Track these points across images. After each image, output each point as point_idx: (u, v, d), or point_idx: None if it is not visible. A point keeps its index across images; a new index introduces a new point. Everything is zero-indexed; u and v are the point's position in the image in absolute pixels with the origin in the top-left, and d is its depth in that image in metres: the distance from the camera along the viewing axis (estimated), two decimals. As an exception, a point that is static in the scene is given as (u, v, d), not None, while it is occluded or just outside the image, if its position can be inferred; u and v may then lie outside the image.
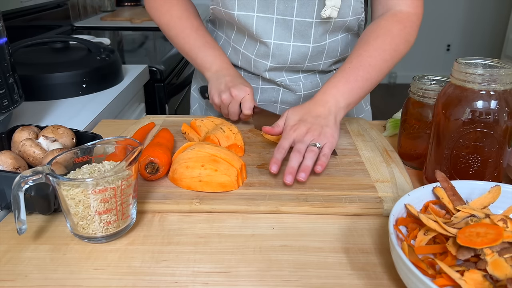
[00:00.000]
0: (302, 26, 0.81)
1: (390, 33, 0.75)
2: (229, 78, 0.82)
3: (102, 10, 2.47)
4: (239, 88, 0.79)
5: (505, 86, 0.53)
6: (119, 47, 1.74)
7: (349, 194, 0.60)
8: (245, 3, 0.80)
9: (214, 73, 0.84)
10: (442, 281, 0.40)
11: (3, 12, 0.81)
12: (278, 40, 0.82)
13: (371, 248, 0.51)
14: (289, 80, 0.89)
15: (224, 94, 0.80)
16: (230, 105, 0.80)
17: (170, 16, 0.88)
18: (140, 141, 0.72)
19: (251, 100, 0.79)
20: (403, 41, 0.76)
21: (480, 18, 4.19)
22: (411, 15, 0.77)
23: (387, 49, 0.75)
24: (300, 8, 0.79)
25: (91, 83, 1.06)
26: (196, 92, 1.07)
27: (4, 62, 0.76)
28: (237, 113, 0.81)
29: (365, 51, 0.74)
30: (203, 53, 0.86)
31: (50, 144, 0.63)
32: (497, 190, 0.50)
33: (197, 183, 0.61)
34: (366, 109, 1.01)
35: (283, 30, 0.81)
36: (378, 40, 0.75)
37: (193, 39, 0.87)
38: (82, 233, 0.50)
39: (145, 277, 0.46)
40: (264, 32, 0.81)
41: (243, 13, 0.81)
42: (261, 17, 0.80)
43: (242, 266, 0.48)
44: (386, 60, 0.75)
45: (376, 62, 0.74)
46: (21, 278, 0.46)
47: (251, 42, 0.86)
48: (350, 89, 0.72)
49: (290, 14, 0.80)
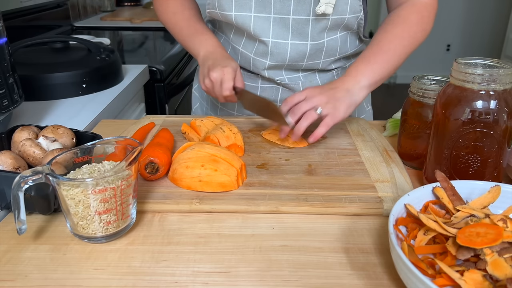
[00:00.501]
0: (299, 24, 0.81)
1: (408, 22, 0.80)
2: (211, 62, 0.81)
3: (102, 10, 2.47)
4: (216, 69, 0.78)
5: (504, 86, 0.53)
6: (119, 47, 1.73)
7: (349, 194, 0.60)
8: (242, 4, 0.80)
9: (201, 59, 0.85)
10: (442, 281, 0.40)
11: (3, 12, 0.81)
12: (276, 39, 0.82)
13: (371, 248, 0.51)
14: (288, 79, 0.89)
15: (206, 79, 0.80)
16: (214, 89, 0.80)
17: (166, 13, 0.92)
18: (140, 141, 0.72)
19: (228, 80, 0.77)
20: (420, 29, 0.80)
21: (480, 18, 4.19)
22: (428, 5, 0.81)
23: (406, 37, 0.79)
24: (297, 6, 0.79)
25: (91, 83, 1.06)
26: (197, 91, 1.07)
27: (4, 62, 0.76)
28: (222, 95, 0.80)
29: (385, 38, 0.79)
30: (192, 41, 0.88)
31: (50, 144, 0.63)
32: (497, 190, 0.50)
33: (197, 183, 0.61)
34: (367, 110, 1.01)
35: (281, 29, 0.82)
36: (397, 28, 0.79)
37: (185, 29, 0.89)
38: (82, 233, 0.50)
39: (145, 277, 0.46)
40: (262, 31, 0.82)
41: (240, 13, 0.81)
42: (258, 16, 0.81)
43: (242, 266, 0.48)
44: (405, 46, 0.79)
45: (395, 47, 0.78)
46: (21, 278, 0.46)
47: (249, 41, 0.86)
48: (371, 69, 0.76)
49: (286, 13, 0.80)
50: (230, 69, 0.78)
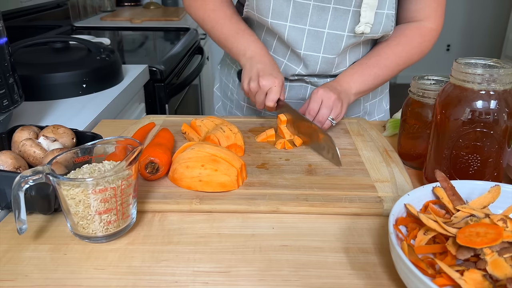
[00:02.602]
0: (333, 38, 0.82)
1: (410, 43, 0.85)
2: (260, 66, 0.81)
3: (102, 10, 2.47)
4: (267, 78, 0.78)
5: (504, 86, 0.53)
6: (119, 47, 1.74)
7: (349, 194, 0.60)
8: (279, 12, 0.81)
9: (248, 59, 0.84)
10: (442, 281, 0.40)
11: (3, 12, 0.81)
12: (308, 51, 0.83)
13: (371, 248, 0.51)
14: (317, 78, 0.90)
15: (253, 83, 0.79)
16: (257, 94, 0.80)
17: (204, 10, 0.90)
18: (140, 141, 0.72)
19: (276, 92, 0.78)
20: (419, 51, 0.87)
21: (480, 18, 4.19)
22: (433, 30, 0.86)
23: (403, 56, 0.85)
24: (333, 21, 0.80)
25: (91, 83, 1.06)
26: (218, 90, 1.07)
27: (4, 62, 0.76)
28: (263, 102, 0.80)
29: (384, 53, 0.85)
30: (237, 41, 0.86)
31: (50, 144, 0.63)
32: (497, 190, 0.50)
33: (197, 183, 0.61)
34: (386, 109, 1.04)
35: (314, 41, 0.82)
36: (398, 47, 0.85)
37: (226, 28, 0.87)
38: (82, 232, 0.50)
39: (145, 277, 0.46)
40: (295, 42, 0.83)
41: (276, 21, 0.81)
42: (293, 27, 0.81)
43: (242, 266, 0.48)
44: (399, 65, 0.85)
45: (390, 64, 0.84)
46: (21, 278, 0.46)
47: (280, 46, 0.87)
48: (362, 81, 0.83)
49: (322, 26, 0.81)
50: (280, 81, 0.79)
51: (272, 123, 0.86)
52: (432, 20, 0.85)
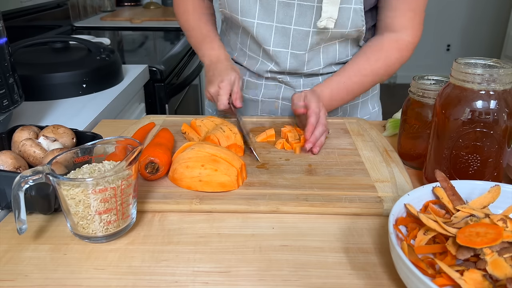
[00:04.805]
0: (300, 34, 0.82)
1: (389, 60, 0.85)
2: (211, 74, 0.86)
3: (102, 10, 2.47)
4: (213, 85, 0.82)
5: (504, 86, 0.53)
6: (119, 47, 1.74)
7: (349, 194, 0.60)
8: (247, 10, 0.82)
9: (206, 67, 0.90)
10: (442, 281, 0.40)
11: (3, 12, 0.81)
12: (277, 47, 0.85)
13: (371, 248, 0.51)
14: (290, 78, 0.91)
15: (206, 92, 0.85)
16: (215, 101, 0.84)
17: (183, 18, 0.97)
18: (140, 141, 0.72)
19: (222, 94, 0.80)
20: (397, 66, 0.87)
21: (480, 18, 4.19)
22: (410, 44, 0.84)
23: (381, 73, 0.86)
24: (298, 17, 0.81)
25: (91, 83, 1.06)
26: None
27: (4, 62, 0.76)
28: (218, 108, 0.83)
29: (364, 69, 0.85)
30: (200, 50, 0.94)
31: (50, 144, 0.63)
32: (497, 190, 0.50)
33: (197, 183, 0.61)
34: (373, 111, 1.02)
35: (282, 38, 0.84)
36: (378, 63, 0.85)
37: (194, 37, 0.95)
38: (82, 232, 0.50)
39: (145, 277, 0.47)
40: (264, 39, 0.84)
41: (245, 19, 0.83)
42: (261, 24, 0.83)
43: (242, 266, 0.48)
44: (375, 81, 0.87)
45: (367, 81, 0.86)
46: (21, 278, 0.46)
47: (254, 44, 0.88)
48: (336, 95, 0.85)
49: (288, 23, 0.82)
50: (226, 83, 0.81)
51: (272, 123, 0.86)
52: (409, 32, 0.83)
